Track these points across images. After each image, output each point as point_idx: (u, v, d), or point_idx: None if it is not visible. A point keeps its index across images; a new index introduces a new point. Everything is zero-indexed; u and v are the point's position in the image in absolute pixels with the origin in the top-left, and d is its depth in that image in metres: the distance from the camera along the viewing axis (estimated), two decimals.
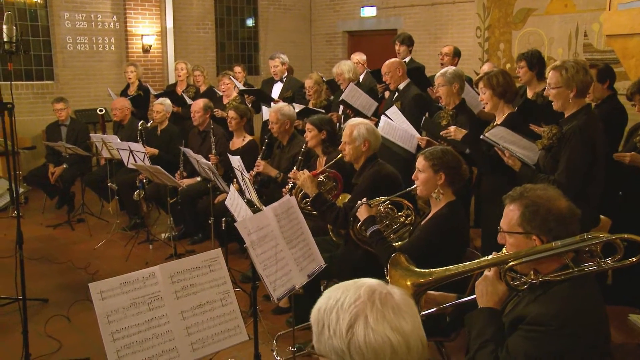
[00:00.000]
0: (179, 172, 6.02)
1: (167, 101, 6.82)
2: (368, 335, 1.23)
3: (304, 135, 4.74)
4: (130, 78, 8.03)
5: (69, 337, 4.12)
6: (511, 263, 2.09)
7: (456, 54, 6.65)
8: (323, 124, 4.63)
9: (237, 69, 7.99)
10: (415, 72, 5.69)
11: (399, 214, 3.52)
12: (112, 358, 2.16)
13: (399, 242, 3.38)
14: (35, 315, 4.38)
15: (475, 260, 2.20)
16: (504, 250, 2.19)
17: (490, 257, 2.18)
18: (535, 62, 5.06)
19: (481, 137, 3.79)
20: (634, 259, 2.03)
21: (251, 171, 5.21)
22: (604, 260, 2.06)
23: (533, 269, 2.09)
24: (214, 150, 5.72)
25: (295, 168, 4.61)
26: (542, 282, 2.05)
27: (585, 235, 2.02)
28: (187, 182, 5.94)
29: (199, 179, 5.91)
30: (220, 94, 7.25)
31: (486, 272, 2.19)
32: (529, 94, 5.02)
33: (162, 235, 6.23)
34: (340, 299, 1.29)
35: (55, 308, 4.56)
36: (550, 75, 3.47)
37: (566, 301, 1.98)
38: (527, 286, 2.11)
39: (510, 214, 2.14)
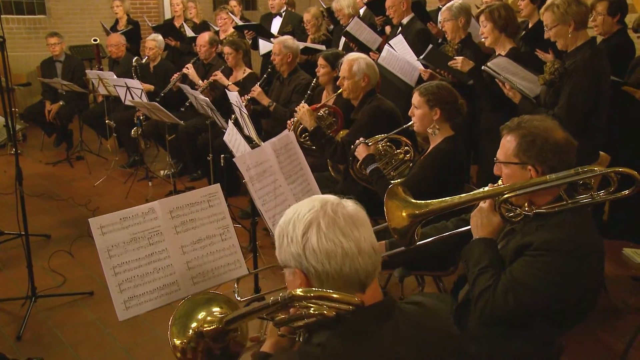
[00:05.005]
0: None
1: (159, 37, 6.69)
2: (320, 239, 1.36)
3: (316, 70, 4.59)
4: (117, 13, 7.84)
5: (73, 272, 4.20)
6: (506, 195, 2.09)
7: None
8: (338, 62, 4.40)
9: (233, 2, 7.80)
10: (416, 6, 5.54)
11: (398, 150, 3.51)
12: (114, 292, 2.19)
13: (399, 180, 3.38)
14: (39, 250, 4.45)
15: (471, 192, 2.21)
16: (499, 182, 2.20)
17: (485, 189, 2.18)
18: None
19: (483, 67, 3.73)
20: (627, 192, 2.03)
21: (246, 95, 5.14)
22: (597, 192, 2.06)
23: (528, 201, 2.10)
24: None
25: (302, 102, 4.53)
26: (535, 214, 2.07)
27: (580, 169, 2.01)
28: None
29: None
30: (217, 29, 7.10)
31: (481, 204, 2.20)
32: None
33: (161, 172, 6.24)
34: (296, 211, 1.42)
35: (58, 244, 4.63)
36: (545, 16, 3.42)
37: (574, 228, 2.00)
38: (521, 218, 2.12)
39: (507, 144, 2.14)
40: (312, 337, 1.42)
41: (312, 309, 1.36)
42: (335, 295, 1.33)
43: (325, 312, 1.34)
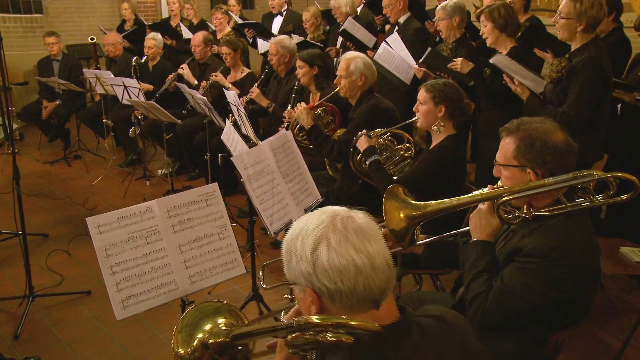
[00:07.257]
0: None
1: (159, 36, 6.69)
2: (331, 256, 1.27)
3: (296, 72, 4.64)
4: (126, 15, 7.85)
5: (70, 271, 4.19)
6: (505, 198, 2.08)
7: None
8: (314, 59, 4.51)
9: (231, 2, 7.79)
10: (413, 5, 5.54)
11: (399, 146, 3.52)
12: (112, 291, 2.20)
13: (400, 175, 3.38)
14: (37, 249, 4.44)
15: (470, 194, 2.20)
16: (499, 183, 2.19)
17: (484, 190, 2.18)
18: None
19: (490, 60, 3.69)
20: (625, 196, 2.01)
21: (244, 96, 5.15)
22: (596, 196, 2.04)
23: (527, 203, 2.10)
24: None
25: (289, 107, 4.56)
26: (535, 216, 2.06)
27: (578, 173, 1.99)
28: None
29: None
30: (214, 28, 7.09)
31: (480, 205, 2.19)
32: None
33: (159, 171, 6.24)
34: (304, 227, 1.33)
35: (55, 243, 4.63)
36: (564, 3, 3.34)
37: (565, 233, 1.98)
38: (519, 220, 2.11)
39: (506, 146, 2.12)
40: (326, 358, 1.36)
41: (329, 335, 1.27)
42: (353, 323, 1.25)
43: (342, 338, 1.26)
